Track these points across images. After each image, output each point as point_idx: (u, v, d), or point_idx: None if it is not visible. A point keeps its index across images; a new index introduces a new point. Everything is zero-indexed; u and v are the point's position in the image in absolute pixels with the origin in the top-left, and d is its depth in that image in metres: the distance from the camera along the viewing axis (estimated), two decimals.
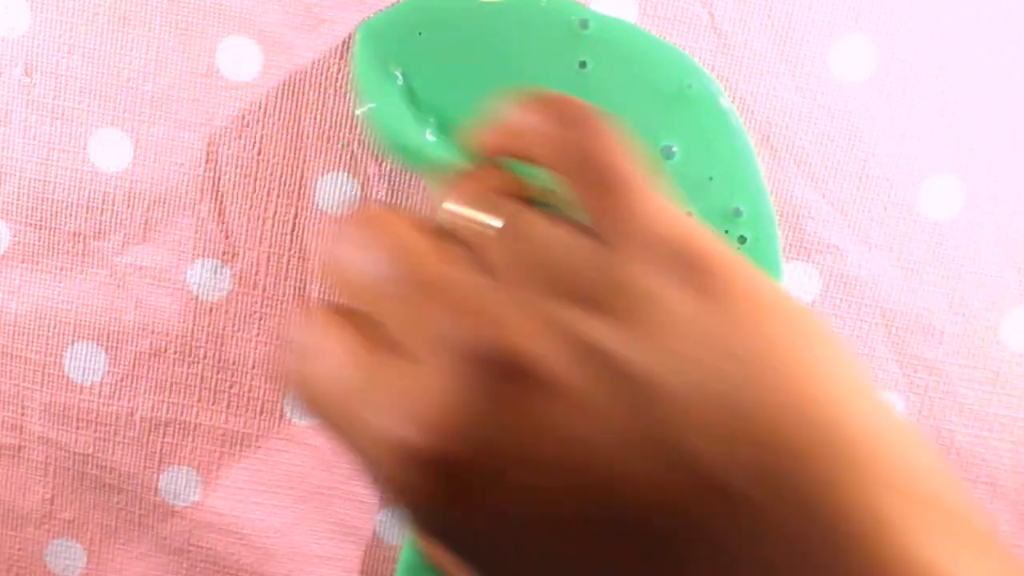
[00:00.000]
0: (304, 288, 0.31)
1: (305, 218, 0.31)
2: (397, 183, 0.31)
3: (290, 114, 0.30)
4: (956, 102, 0.30)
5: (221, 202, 0.31)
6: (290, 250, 0.31)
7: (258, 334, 0.32)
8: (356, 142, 0.30)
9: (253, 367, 0.32)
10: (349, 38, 0.30)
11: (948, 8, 0.29)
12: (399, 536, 0.33)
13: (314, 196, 0.31)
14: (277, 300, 0.31)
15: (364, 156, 0.30)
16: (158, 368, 0.32)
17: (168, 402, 0.32)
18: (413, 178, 0.31)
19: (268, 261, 0.31)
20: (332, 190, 0.31)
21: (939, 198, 0.30)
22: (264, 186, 0.31)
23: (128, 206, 0.31)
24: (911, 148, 0.30)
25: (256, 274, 0.31)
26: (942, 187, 0.30)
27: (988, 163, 0.30)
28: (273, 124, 0.30)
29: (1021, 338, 0.31)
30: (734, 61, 0.30)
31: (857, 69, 0.29)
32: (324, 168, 0.31)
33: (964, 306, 0.31)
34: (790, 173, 0.30)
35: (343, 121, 0.30)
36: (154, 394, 0.32)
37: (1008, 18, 0.29)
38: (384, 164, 0.31)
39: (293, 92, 0.30)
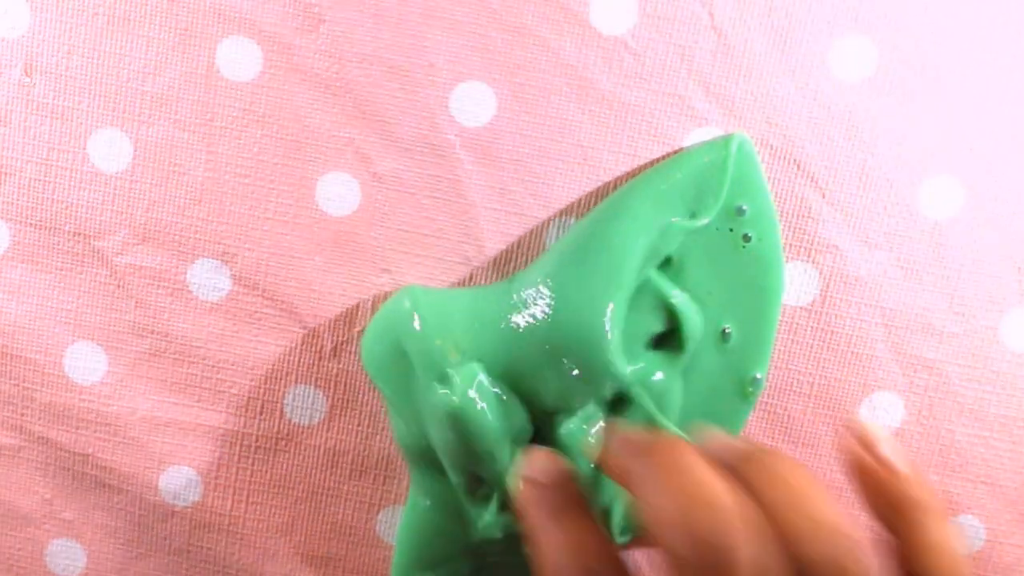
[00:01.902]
0: (304, 288, 0.31)
1: (305, 218, 0.31)
2: (397, 183, 0.31)
3: (290, 114, 0.30)
4: (956, 102, 0.30)
5: (221, 202, 0.31)
6: (290, 250, 0.31)
7: (258, 334, 0.32)
8: (356, 142, 0.30)
9: (253, 367, 0.32)
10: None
11: (948, 8, 0.29)
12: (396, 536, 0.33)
13: (314, 196, 0.31)
14: (277, 300, 0.31)
15: (364, 156, 0.30)
16: (158, 368, 0.32)
17: (168, 402, 0.32)
18: (413, 179, 0.31)
19: (268, 261, 0.31)
20: (332, 190, 0.31)
21: (939, 198, 0.30)
22: (264, 186, 0.31)
23: (128, 206, 0.31)
24: (911, 148, 0.30)
25: (256, 274, 0.31)
26: (942, 187, 0.30)
27: (988, 163, 0.30)
28: (273, 124, 0.30)
29: (1021, 338, 0.31)
30: (734, 61, 0.30)
31: (857, 69, 0.29)
32: (324, 168, 0.31)
33: (964, 306, 0.31)
34: (790, 173, 0.30)
35: (343, 121, 0.30)
36: (154, 394, 0.32)
37: (1008, 18, 0.29)
38: (384, 164, 0.31)
39: (293, 92, 0.30)
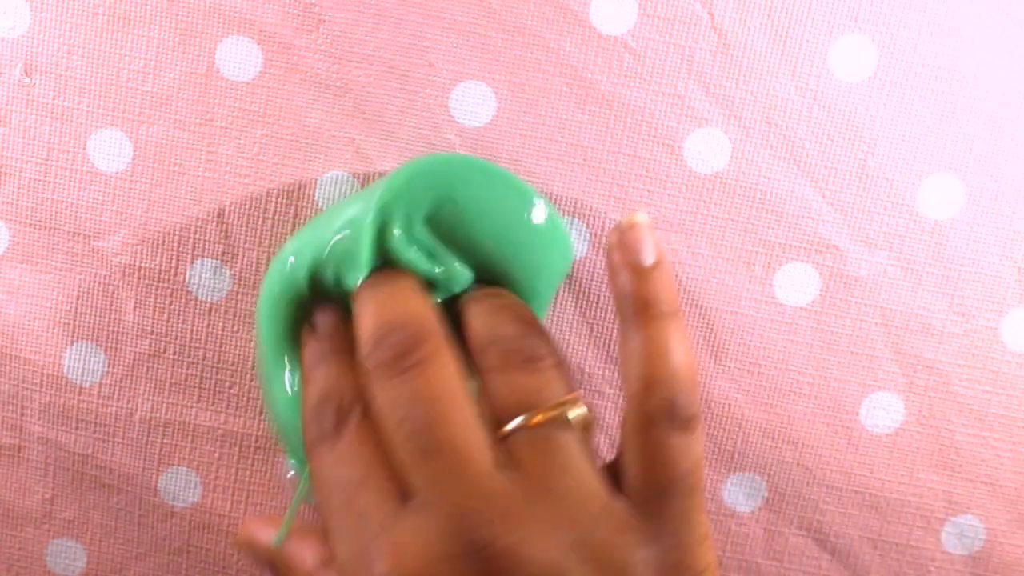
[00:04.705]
0: None
1: (305, 218, 0.31)
2: None
3: (290, 114, 0.30)
4: (956, 102, 0.30)
5: (221, 202, 0.31)
6: None
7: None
8: (356, 142, 0.30)
9: (253, 367, 0.32)
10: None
11: (948, 7, 0.29)
12: None
13: (314, 196, 0.31)
14: None
15: (364, 156, 0.30)
16: (157, 369, 0.32)
17: (167, 403, 0.32)
18: None
19: (268, 261, 0.31)
20: (332, 190, 0.31)
21: (939, 198, 0.30)
22: (264, 186, 0.31)
23: (128, 206, 0.31)
24: (911, 148, 0.30)
25: (256, 274, 0.31)
26: (942, 187, 0.30)
27: (988, 163, 0.30)
28: (273, 124, 0.30)
29: (1021, 338, 0.31)
30: (734, 61, 0.30)
31: (857, 69, 0.30)
32: (324, 168, 0.31)
33: (964, 306, 0.31)
34: (790, 173, 0.30)
35: (343, 121, 0.30)
36: (153, 395, 0.32)
37: (1008, 18, 0.29)
38: (384, 164, 0.31)
39: (293, 92, 0.30)
